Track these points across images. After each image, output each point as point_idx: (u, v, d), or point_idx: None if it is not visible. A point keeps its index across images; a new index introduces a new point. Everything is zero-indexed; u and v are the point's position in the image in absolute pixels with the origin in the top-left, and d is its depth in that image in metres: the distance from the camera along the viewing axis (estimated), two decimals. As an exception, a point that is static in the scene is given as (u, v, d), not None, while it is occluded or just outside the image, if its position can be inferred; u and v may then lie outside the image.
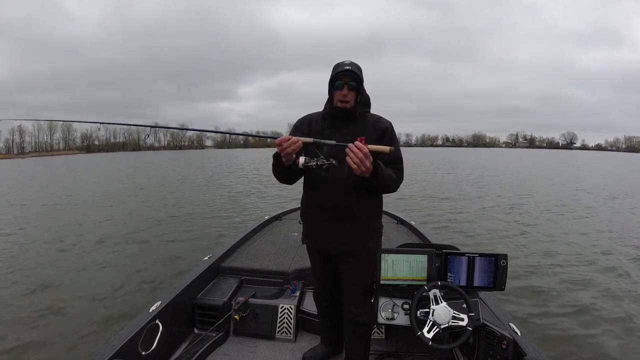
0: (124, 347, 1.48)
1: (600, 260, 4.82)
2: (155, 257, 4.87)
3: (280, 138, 1.36)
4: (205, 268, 2.33)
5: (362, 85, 1.51)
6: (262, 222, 3.65)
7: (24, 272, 4.35)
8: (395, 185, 1.48)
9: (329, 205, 1.53)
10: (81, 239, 5.89)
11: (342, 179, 1.47)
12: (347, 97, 1.48)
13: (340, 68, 1.47)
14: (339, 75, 1.47)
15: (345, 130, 1.51)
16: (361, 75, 1.49)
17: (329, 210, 1.53)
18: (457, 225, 6.87)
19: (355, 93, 1.49)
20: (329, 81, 1.50)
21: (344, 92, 1.47)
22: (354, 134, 1.48)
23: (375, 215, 1.63)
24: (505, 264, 1.57)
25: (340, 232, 1.54)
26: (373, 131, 1.50)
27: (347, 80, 1.46)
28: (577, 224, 7.06)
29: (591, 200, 10.21)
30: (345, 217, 1.52)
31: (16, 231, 6.53)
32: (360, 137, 1.44)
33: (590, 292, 3.75)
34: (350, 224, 1.53)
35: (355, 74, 1.46)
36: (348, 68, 1.45)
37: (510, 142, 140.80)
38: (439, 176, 17.63)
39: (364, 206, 1.54)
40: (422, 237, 3.18)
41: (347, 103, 1.49)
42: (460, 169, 22.99)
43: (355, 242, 1.56)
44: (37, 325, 3.08)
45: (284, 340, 2.09)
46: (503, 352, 1.46)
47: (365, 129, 1.50)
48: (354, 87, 1.48)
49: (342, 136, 1.49)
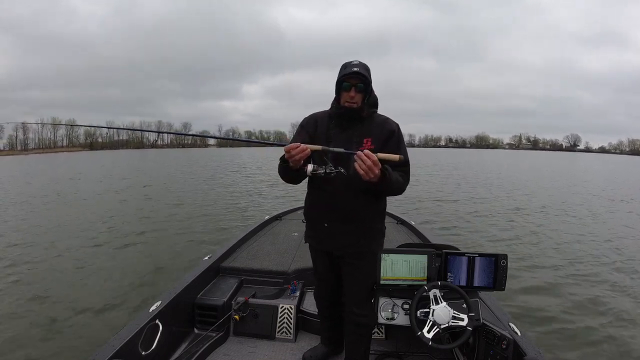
0: (124, 347, 1.48)
1: (601, 260, 4.82)
2: (160, 254, 4.91)
3: (289, 145, 1.33)
4: (205, 268, 2.33)
5: (370, 87, 1.49)
6: (262, 222, 3.65)
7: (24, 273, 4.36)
8: (401, 189, 1.47)
9: (334, 206, 1.52)
10: (84, 236, 5.92)
11: (348, 182, 1.45)
12: (355, 99, 1.47)
13: (348, 70, 1.45)
14: (347, 76, 1.45)
15: (351, 131, 1.51)
16: (369, 77, 1.47)
17: (334, 212, 1.53)
18: (457, 225, 6.87)
19: (362, 95, 1.48)
20: (337, 81, 1.49)
21: (351, 94, 1.46)
22: (361, 134, 1.49)
23: (380, 218, 1.63)
24: (506, 264, 1.56)
25: (345, 234, 1.54)
26: (380, 132, 1.49)
27: (354, 82, 1.45)
28: (577, 224, 7.06)
29: (596, 203, 10.12)
30: (350, 219, 1.52)
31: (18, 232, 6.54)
32: (366, 139, 1.45)
33: (591, 292, 3.75)
34: (354, 226, 1.53)
35: (364, 75, 1.44)
36: (356, 70, 1.43)
37: (513, 143, 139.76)
38: (441, 177, 17.63)
39: (369, 209, 1.54)
40: (422, 237, 3.18)
41: (354, 105, 1.48)
42: (463, 170, 22.96)
43: (359, 244, 1.56)
44: (38, 323, 3.09)
45: (284, 340, 2.09)
46: (503, 352, 1.46)
47: (372, 130, 1.49)
48: (362, 89, 1.46)
49: (348, 137, 1.49)
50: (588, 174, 21.79)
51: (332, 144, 1.47)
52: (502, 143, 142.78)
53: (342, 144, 1.44)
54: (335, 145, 1.44)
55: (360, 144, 1.47)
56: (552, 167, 28.48)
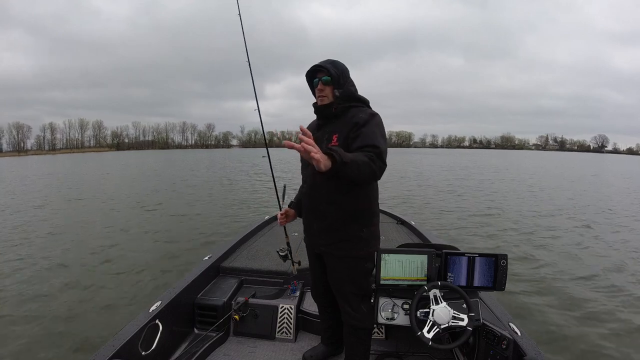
0: (124, 347, 1.48)
1: (601, 260, 4.82)
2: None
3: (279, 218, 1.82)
4: (205, 268, 2.33)
5: (340, 79, 1.48)
6: (262, 222, 3.65)
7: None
8: (372, 171, 1.29)
9: (308, 204, 1.59)
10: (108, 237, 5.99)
11: (317, 180, 1.50)
12: (324, 91, 1.49)
13: (311, 67, 1.51)
14: (312, 73, 1.52)
15: (325, 129, 1.52)
16: (335, 69, 1.47)
17: (309, 210, 1.60)
18: (457, 225, 6.87)
19: (331, 87, 1.49)
20: (307, 83, 1.57)
21: (320, 88, 1.50)
22: (331, 131, 1.49)
23: (354, 220, 1.50)
24: (505, 264, 1.57)
25: (319, 232, 1.58)
26: (346, 126, 1.44)
27: (320, 75, 1.49)
28: (579, 225, 7.06)
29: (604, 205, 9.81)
30: (319, 217, 1.55)
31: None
32: (335, 135, 1.46)
33: (591, 292, 3.75)
34: (324, 225, 1.54)
35: (325, 68, 1.47)
36: (316, 64, 1.50)
37: (540, 144, 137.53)
38: (447, 177, 17.61)
39: (337, 208, 1.48)
40: (422, 237, 3.18)
41: (324, 99, 1.50)
42: (474, 170, 22.63)
43: (330, 245, 1.55)
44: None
45: (284, 340, 2.09)
46: (503, 352, 1.46)
47: (341, 125, 1.46)
48: (328, 81, 1.48)
49: (322, 135, 1.51)
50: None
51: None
52: (529, 144, 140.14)
53: (317, 143, 1.38)
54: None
55: (330, 141, 1.46)
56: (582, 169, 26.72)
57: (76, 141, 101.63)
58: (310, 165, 1.46)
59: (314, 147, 1.09)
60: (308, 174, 1.57)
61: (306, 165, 1.57)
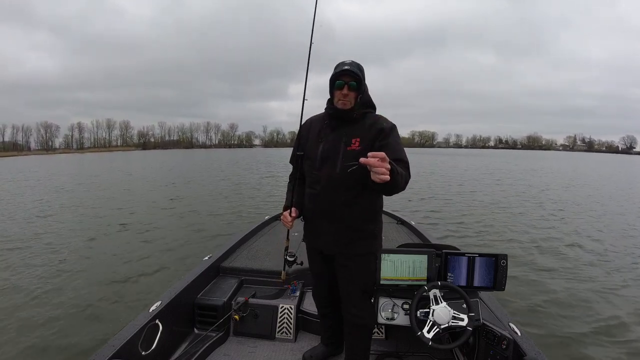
0: (124, 347, 1.48)
1: (602, 260, 4.82)
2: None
3: (283, 220, 1.64)
4: (205, 268, 2.33)
5: (362, 85, 1.51)
6: (262, 222, 3.65)
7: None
8: (406, 182, 1.36)
9: (321, 206, 1.56)
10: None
11: (334, 181, 1.50)
12: (348, 97, 1.48)
13: (340, 68, 1.47)
14: (339, 74, 1.47)
15: (342, 131, 1.52)
16: (361, 75, 1.49)
17: (322, 212, 1.57)
18: (458, 225, 6.86)
19: (355, 93, 1.49)
20: (330, 81, 1.52)
21: (344, 92, 1.48)
22: (350, 134, 1.50)
23: (370, 218, 1.58)
24: (505, 264, 1.57)
25: (332, 233, 1.56)
26: (368, 132, 1.49)
27: (347, 80, 1.47)
28: (579, 226, 7.05)
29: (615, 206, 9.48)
30: (335, 218, 1.54)
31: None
32: (355, 139, 1.48)
33: (591, 292, 3.74)
34: (341, 226, 1.54)
35: (355, 73, 1.46)
36: (347, 68, 1.46)
37: (567, 144, 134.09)
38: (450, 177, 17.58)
39: (356, 209, 1.53)
40: (422, 237, 3.18)
41: (347, 103, 1.49)
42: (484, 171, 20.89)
43: (345, 245, 1.56)
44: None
45: (284, 340, 2.09)
46: (503, 352, 1.46)
47: (362, 130, 1.50)
48: (354, 87, 1.48)
49: (337, 136, 1.52)
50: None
51: (322, 143, 1.54)
52: (556, 144, 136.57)
53: (331, 143, 1.52)
54: (325, 144, 1.53)
55: (349, 144, 1.49)
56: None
57: (103, 140, 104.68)
58: (327, 167, 1.50)
59: (386, 160, 1.13)
60: (319, 176, 1.54)
61: (319, 167, 1.54)
